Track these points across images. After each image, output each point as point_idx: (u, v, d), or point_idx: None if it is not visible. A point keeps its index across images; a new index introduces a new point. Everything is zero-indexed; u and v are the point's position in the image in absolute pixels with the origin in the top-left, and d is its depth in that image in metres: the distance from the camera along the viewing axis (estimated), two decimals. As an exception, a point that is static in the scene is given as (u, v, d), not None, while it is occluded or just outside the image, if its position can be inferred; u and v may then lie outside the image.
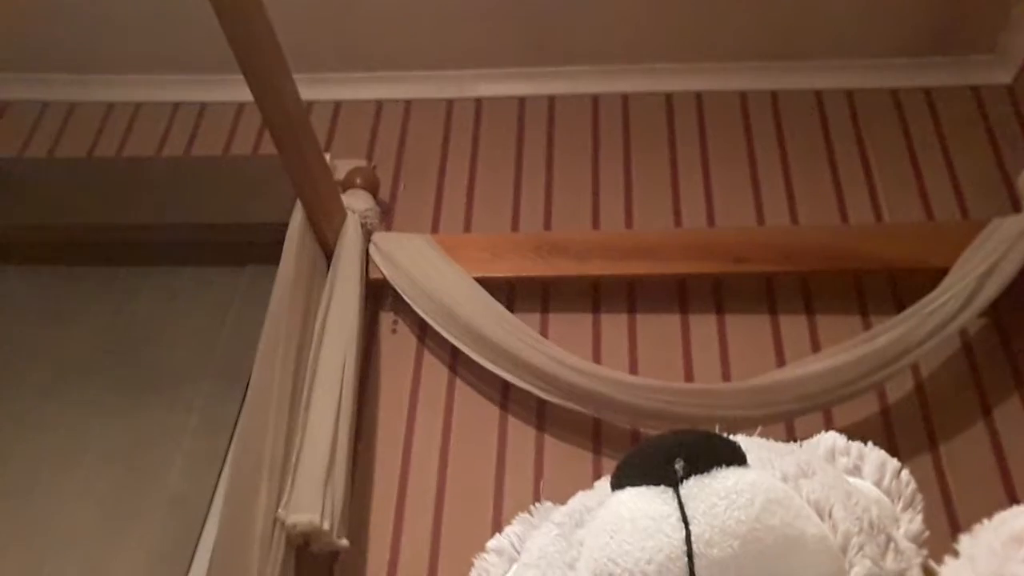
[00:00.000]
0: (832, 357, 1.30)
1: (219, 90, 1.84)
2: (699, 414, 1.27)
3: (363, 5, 1.70)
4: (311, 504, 1.19)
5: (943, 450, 1.33)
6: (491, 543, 0.80)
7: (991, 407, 1.36)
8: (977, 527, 0.64)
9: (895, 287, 1.48)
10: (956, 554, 0.64)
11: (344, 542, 1.21)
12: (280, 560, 1.17)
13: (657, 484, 0.62)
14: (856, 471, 0.75)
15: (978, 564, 0.61)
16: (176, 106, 1.86)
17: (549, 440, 1.39)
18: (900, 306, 1.37)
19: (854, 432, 0.81)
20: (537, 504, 0.82)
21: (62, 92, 1.89)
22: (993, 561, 0.59)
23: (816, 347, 1.42)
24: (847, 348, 1.30)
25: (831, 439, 0.79)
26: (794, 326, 1.46)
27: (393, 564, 1.31)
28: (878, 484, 0.74)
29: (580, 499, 0.75)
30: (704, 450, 0.63)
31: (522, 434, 1.40)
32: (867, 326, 1.42)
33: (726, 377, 1.42)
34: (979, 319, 1.40)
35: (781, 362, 1.42)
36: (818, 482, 0.66)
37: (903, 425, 1.36)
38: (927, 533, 0.72)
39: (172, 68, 1.86)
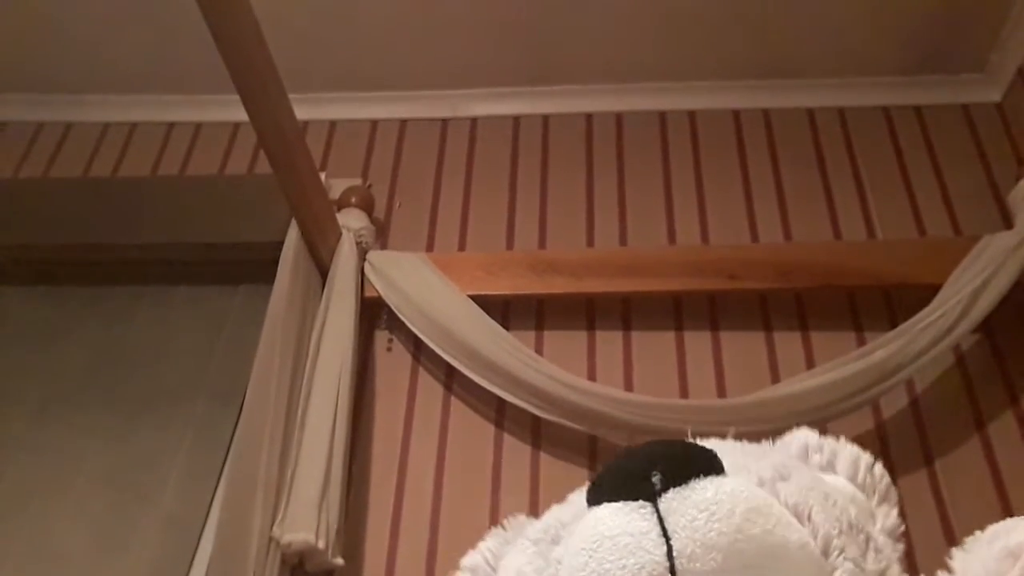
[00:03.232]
0: (826, 373, 1.30)
1: (214, 110, 1.84)
2: (694, 431, 1.27)
3: (358, 26, 1.71)
4: (306, 523, 1.19)
5: (938, 465, 1.34)
6: (465, 560, 0.79)
7: (985, 422, 1.37)
8: (969, 540, 0.63)
9: (889, 303, 1.48)
10: (949, 570, 0.63)
11: (339, 561, 1.21)
12: (275, 579, 1.17)
13: (635, 499, 0.61)
14: (830, 467, 0.75)
15: None
16: (171, 126, 1.86)
17: (544, 458, 1.39)
18: (894, 322, 1.37)
19: (849, 448, 0.81)
20: (510, 517, 0.80)
21: (58, 112, 1.90)
22: None
23: (810, 363, 1.43)
24: (841, 364, 1.31)
25: (803, 437, 0.78)
26: (788, 342, 1.46)
27: (389, 583, 1.31)
28: (852, 479, 0.74)
29: (555, 513, 0.74)
30: (680, 461, 0.62)
31: (517, 452, 1.40)
32: (861, 342, 1.43)
33: (721, 394, 1.42)
34: (972, 335, 1.40)
35: (776, 378, 1.42)
36: (795, 485, 0.66)
37: (898, 440, 1.36)
38: (903, 527, 0.72)
39: (167, 88, 1.87)
